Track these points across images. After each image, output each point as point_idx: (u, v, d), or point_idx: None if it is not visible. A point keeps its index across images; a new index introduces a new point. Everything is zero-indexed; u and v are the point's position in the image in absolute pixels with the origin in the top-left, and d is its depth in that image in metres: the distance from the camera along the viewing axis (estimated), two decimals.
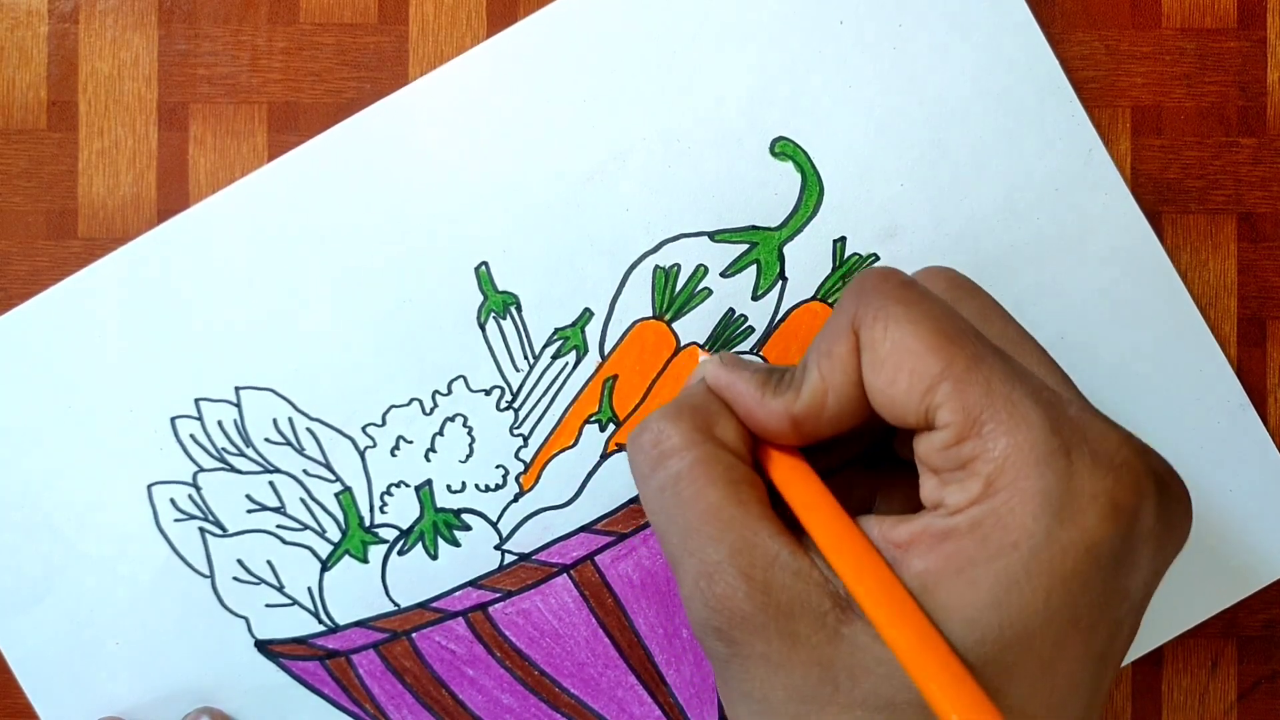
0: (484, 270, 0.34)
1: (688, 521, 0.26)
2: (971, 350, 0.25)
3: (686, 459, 0.27)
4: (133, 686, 0.34)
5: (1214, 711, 0.35)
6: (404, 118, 0.34)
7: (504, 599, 0.34)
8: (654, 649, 0.34)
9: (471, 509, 0.34)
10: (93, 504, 0.33)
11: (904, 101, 0.34)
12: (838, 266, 0.34)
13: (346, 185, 0.34)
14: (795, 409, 0.27)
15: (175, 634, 0.34)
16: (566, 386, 0.34)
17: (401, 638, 0.34)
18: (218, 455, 0.34)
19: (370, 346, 0.34)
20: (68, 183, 0.34)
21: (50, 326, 0.33)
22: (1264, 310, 0.35)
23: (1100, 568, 0.24)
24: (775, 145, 0.34)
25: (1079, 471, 0.24)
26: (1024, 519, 0.23)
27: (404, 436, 0.34)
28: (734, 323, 0.34)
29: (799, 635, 0.25)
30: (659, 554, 0.34)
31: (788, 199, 0.34)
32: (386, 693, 0.34)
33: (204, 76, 0.35)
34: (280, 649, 0.34)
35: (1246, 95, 0.35)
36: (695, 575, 0.26)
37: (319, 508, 0.34)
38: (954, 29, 0.34)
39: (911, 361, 0.25)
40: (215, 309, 0.34)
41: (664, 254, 0.34)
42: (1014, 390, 0.24)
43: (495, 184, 0.34)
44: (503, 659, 0.34)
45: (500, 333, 0.34)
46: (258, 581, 0.34)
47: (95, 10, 0.34)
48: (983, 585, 0.24)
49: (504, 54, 0.34)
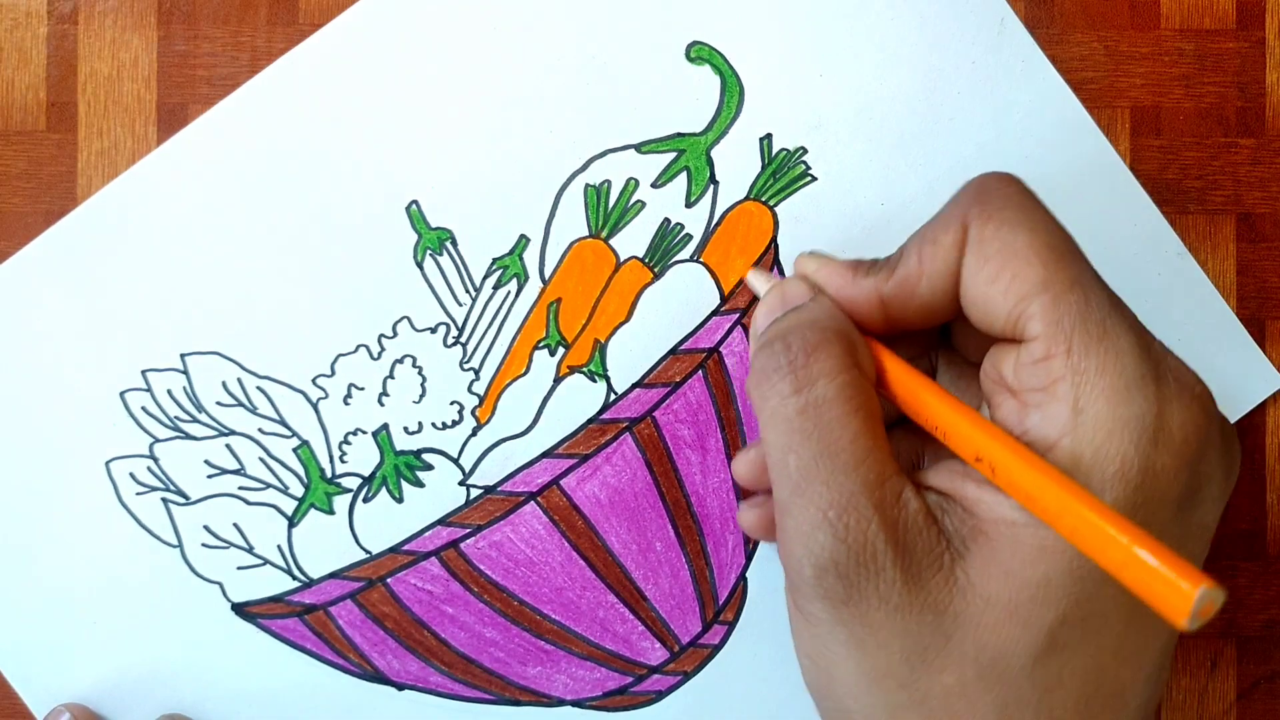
0: (415, 209, 0.34)
1: (824, 447, 0.25)
2: (1078, 268, 0.25)
3: (836, 382, 0.26)
4: (114, 663, 0.33)
5: (1213, 711, 0.35)
6: (315, 67, 0.33)
7: (474, 534, 0.34)
8: (629, 565, 0.34)
9: (431, 448, 0.34)
10: (53, 486, 0.33)
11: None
12: (767, 164, 0.34)
13: (266, 141, 0.33)
14: (886, 288, 0.27)
15: (150, 607, 0.34)
16: (511, 315, 0.34)
17: (377, 584, 0.34)
18: (171, 424, 0.33)
19: (311, 298, 0.34)
20: (67, 183, 0.34)
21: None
22: (1263, 310, 0.35)
23: (1187, 495, 0.24)
24: (690, 50, 0.34)
25: (1168, 399, 0.24)
26: (1125, 446, 0.23)
27: (355, 384, 0.34)
28: (670, 232, 0.34)
29: (919, 576, 0.24)
30: (624, 471, 0.34)
31: (709, 103, 0.34)
32: (369, 640, 0.34)
33: (203, 77, 0.34)
34: (257, 610, 0.34)
35: (1245, 96, 0.35)
36: (825, 505, 0.25)
37: (279, 465, 0.34)
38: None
39: (1016, 265, 0.25)
40: (151, 279, 0.33)
41: (593, 172, 0.34)
42: (1109, 315, 0.24)
43: (415, 123, 0.34)
44: (480, 593, 0.34)
45: (439, 269, 0.34)
46: (226, 545, 0.34)
47: (94, 11, 0.34)
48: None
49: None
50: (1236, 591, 0.36)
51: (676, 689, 0.34)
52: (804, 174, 0.34)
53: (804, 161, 0.34)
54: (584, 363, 0.34)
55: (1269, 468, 0.35)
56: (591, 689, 0.34)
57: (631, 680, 0.34)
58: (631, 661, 0.34)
